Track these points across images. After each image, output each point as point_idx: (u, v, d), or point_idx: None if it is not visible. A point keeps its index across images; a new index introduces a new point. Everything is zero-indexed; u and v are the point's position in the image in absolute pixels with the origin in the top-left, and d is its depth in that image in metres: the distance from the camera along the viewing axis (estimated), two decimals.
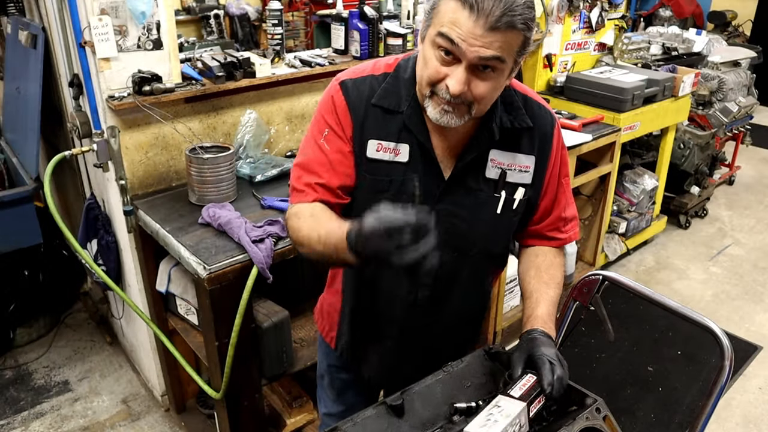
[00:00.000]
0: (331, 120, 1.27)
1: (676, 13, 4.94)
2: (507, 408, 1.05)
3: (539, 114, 1.31)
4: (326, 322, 1.57)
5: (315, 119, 1.31)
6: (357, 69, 1.31)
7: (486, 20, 1.03)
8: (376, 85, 1.26)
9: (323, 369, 1.65)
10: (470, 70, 1.09)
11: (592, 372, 2.88)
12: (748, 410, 2.73)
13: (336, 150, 1.26)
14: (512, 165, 1.29)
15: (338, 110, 1.26)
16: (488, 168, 1.28)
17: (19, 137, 2.73)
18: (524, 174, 1.31)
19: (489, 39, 1.05)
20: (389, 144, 1.25)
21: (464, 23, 1.05)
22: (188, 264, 1.86)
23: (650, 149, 4.03)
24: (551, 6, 3.38)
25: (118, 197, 2.17)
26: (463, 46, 1.06)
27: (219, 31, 2.62)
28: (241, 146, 2.35)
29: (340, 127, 1.26)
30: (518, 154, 1.29)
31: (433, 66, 1.12)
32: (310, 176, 1.28)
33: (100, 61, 2.01)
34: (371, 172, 1.27)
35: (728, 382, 1.24)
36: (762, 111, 6.14)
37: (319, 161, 1.27)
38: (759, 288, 3.67)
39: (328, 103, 1.28)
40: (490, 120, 1.24)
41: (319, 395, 1.72)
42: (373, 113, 1.25)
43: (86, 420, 2.65)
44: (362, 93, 1.26)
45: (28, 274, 3.05)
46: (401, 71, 1.27)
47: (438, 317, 1.41)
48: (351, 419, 1.12)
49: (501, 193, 1.29)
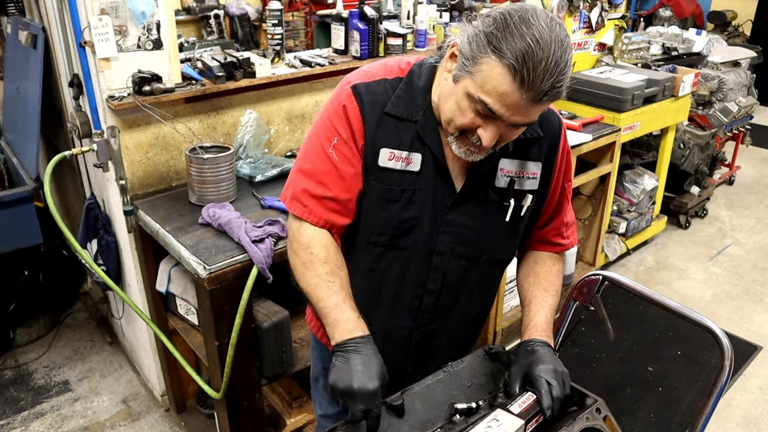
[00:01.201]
0: (342, 130, 1.22)
1: (676, 13, 4.94)
2: (505, 423, 1.06)
3: (547, 119, 1.29)
4: (320, 322, 1.56)
5: (323, 124, 1.25)
6: (368, 71, 1.26)
7: (534, 95, 1.01)
8: (390, 90, 1.22)
9: (318, 371, 1.63)
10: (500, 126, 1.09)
11: (592, 372, 2.88)
12: (748, 410, 2.73)
13: (345, 161, 1.22)
14: (521, 173, 1.29)
15: (351, 120, 1.21)
16: (498, 177, 1.27)
17: (19, 137, 2.73)
18: (532, 181, 1.30)
19: (529, 110, 1.05)
20: (402, 153, 1.22)
21: (510, 95, 1.02)
22: (188, 264, 1.86)
23: (650, 149, 4.03)
24: (551, 6, 3.38)
25: (118, 197, 2.17)
26: (503, 114, 1.05)
27: (219, 31, 2.62)
28: (241, 146, 2.35)
29: (352, 138, 1.22)
30: (527, 161, 1.28)
31: (468, 118, 1.10)
32: (317, 187, 1.23)
33: (100, 61, 2.01)
34: (382, 181, 1.24)
35: (728, 382, 1.24)
36: (762, 111, 6.14)
37: (327, 171, 1.23)
38: (759, 288, 3.67)
39: (339, 111, 1.22)
40: None
41: (314, 397, 1.70)
42: (386, 121, 1.22)
43: (86, 420, 2.65)
44: (376, 100, 1.21)
45: (28, 274, 3.05)
46: (414, 78, 1.23)
47: (443, 322, 1.40)
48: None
49: (510, 201, 1.29)
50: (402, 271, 1.32)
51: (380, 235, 1.29)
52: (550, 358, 1.21)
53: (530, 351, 1.23)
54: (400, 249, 1.30)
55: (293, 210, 1.27)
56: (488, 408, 1.16)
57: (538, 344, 1.24)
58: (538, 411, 1.11)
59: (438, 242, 1.29)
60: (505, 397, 1.17)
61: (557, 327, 1.45)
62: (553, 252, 1.44)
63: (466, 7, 2.95)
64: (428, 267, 1.31)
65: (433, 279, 1.33)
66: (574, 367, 1.20)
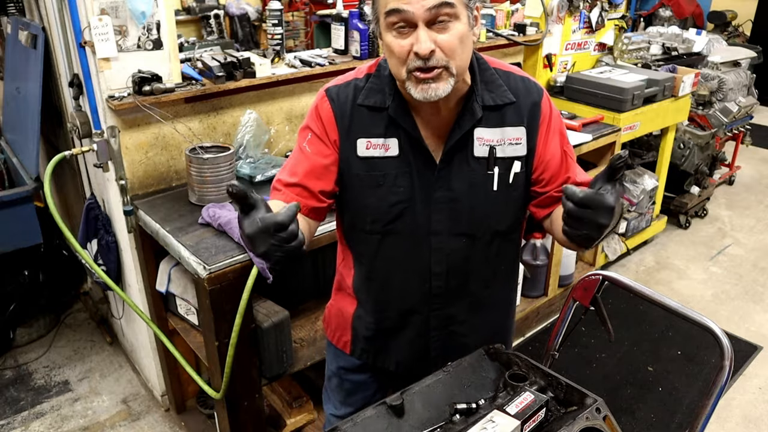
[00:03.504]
0: (314, 126, 1.31)
1: (676, 13, 4.95)
2: (501, 424, 1.05)
3: (524, 87, 1.31)
4: (337, 328, 1.56)
5: (301, 128, 1.35)
6: (341, 77, 1.35)
7: None
8: (361, 86, 1.30)
9: (332, 371, 1.64)
10: (428, 28, 1.12)
11: (592, 372, 2.88)
12: (748, 410, 2.73)
13: (317, 152, 1.30)
14: (501, 140, 1.29)
15: (323, 116, 1.30)
16: (476, 147, 1.29)
17: (19, 137, 2.73)
18: (516, 146, 1.30)
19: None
20: (378, 140, 1.28)
21: None
22: (188, 264, 1.86)
23: (650, 149, 4.03)
24: (551, 6, 3.38)
25: (118, 197, 2.17)
26: (408, 8, 1.10)
27: (219, 31, 2.63)
28: (241, 146, 2.35)
29: (324, 132, 1.30)
30: (506, 127, 1.29)
31: (397, 45, 1.15)
32: (289, 177, 1.31)
33: (100, 61, 2.01)
34: (364, 170, 1.29)
35: (728, 382, 1.24)
36: (762, 111, 6.14)
37: (299, 162, 1.31)
38: (759, 288, 3.67)
39: (312, 112, 1.32)
40: (471, 100, 1.26)
41: (326, 396, 1.70)
42: (359, 113, 1.29)
43: (86, 420, 2.65)
44: (347, 96, 1.29)
45: (28, 274, 3.05)
46: (382, 70, 1.30)
47: (461, 306, 1.41)
48: (351, 419, 1.12)
49: (494, 170, 1.29)
50: (404, 256, 1.35)
51: (373, 222, 1.33)
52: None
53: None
54: (396, 234, 1.33)
55: (270, 196, 1.33)
56: (488, 408, 1.16)
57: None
58: (535, 410, 1.11)
59: (433, 221, 1.31)
60: (505, 397, 1.17)
61: (557, 327, 1.45)
62: None
63: None
64: (429, 249, 1.33)
65: (438, 261, 1.34)
66: (574, 367, 1.20)
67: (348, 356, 1.55)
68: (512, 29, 3.35)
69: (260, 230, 0.99)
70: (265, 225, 0.99)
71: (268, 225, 0.98)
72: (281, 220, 0.99)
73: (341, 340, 1.55)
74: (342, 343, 1.55)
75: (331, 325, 1.58)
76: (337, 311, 1.54)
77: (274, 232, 0.99)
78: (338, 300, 1.54)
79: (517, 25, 3.34)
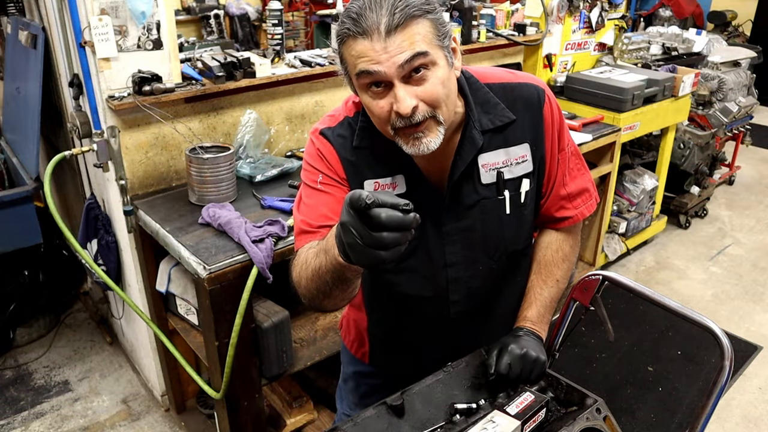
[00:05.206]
0: (321, 166, 1.23)
1: (676, 13, 4.95)
2: (501, 424, 1.05)
3: (522, 97, 1.24)
4: (354, 337, 1.54)
5: (305, 172, 1.27)
6: (331, 116, 1.28)
7: (379, 32, 1.00)
8: (354, 125, 1.23)
9: (348, 374, 1.62)
10: (405, 84, 1.04)
11: (592, 372, 2.88)
12: (748, 410, 2.73)
13: (333, 191, 1.22)
14: (507, 161, 1.24)
15: (326, 156, 1.23)
16: (482, 174, 1.24)
17: (19, 137, 2.73)
18: (523, 164, 1.26)
19: (394, 45, 1.01)
20: (386, 180, 1.22)
21: (366, 50, 1.02)
22: (188, 264, 1.86)
23: (650, 149, 4.03)
24: (551, 6, 3.38)
25: (118, 197, 2.17)
26: (379, 69, 1.02)
27: (219, 31, 2.63)
28: (241, 146, 2.35)
29: (333, 171, 1.23)
30: (510, 147, 1.24)
31: (376, 107, 1.08)
32: (318, 218, 1.20)
33: (100, 61, 2.01)
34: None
35: (728, 382, 1.24)
36: (762, 111, 6.14)
37: (321, 202, 1.22)
38: (759, 288, 3.67)
39: (313, 153, 1.25)
40: (469, 128, 1.20)
41: (340, 394, 1.69)
42: (361, 154, 1.22)
43: (86, 420, 2.65)
44: (344, 136, 1.23)
45: (28, 274, 3.05)
46: None
47: (483, 321, 1.39)
48: (351, 419, 1.12)
49: (504, 194, 1.25)
50: (419, 290, 1.32)
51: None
52: (529, 342, 1.22)
53: (513, 334, 1.26)
54: (411, 272, 1.29)
55: (299, 244, 1.24)
56: (488, 408, 1.16)
57: (524, 332, 1.26)
58: (536, 410, 1.11)
59: (447, 254, 1.28)
60: (506, 397, 1.17)
61: (557, 327, 1.45)
62: (559, 228, 1.39)
63: (466, 7, 2.95)
64: (446, 280, 1.30)
65: (455, 290, 1.32)
66: (574, 367, 1.20)
67: (366, 364, 1.54)
68: (512, 29, 3.35)
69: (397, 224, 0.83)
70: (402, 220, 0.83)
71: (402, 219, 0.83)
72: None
73: (360, 350, 1.54)
74: (360, 354, 1.54)
75: (349, 335, 1.56)
76: (353, 321, 1.53)
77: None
78: (353, 310, 1.52)
79: (517, 25, 3.34)
